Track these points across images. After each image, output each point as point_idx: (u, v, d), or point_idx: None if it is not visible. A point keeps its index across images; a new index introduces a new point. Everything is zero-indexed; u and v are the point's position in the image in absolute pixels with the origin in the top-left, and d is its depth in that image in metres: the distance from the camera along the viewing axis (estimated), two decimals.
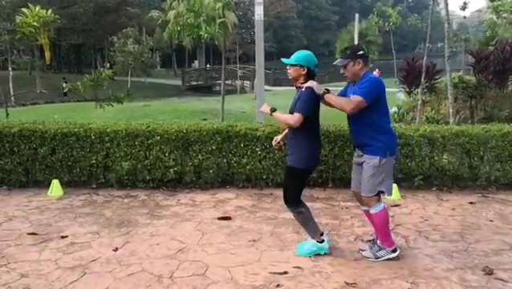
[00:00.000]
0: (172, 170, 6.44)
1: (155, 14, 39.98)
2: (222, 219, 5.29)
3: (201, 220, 5.26)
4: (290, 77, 4.28)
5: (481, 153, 6.43)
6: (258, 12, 9.13)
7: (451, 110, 10.32)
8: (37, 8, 9.45)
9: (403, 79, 15.79)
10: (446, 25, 11.11)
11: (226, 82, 15.28)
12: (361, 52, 4.16)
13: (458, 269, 4.01)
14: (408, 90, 15.64)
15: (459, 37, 38.84)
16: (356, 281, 3.78)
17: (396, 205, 5.81)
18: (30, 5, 9.37)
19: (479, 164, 6.45)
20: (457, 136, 6.42)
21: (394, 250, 4.25)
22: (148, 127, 6.56)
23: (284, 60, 4.27)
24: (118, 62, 34.60)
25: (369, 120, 4.08)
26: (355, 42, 32.75)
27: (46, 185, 6.35)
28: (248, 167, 6.45)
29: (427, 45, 12.17)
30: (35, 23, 9.26)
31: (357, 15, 33.10)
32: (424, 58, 11.87)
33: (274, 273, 3.92)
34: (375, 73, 39.93)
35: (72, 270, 3.99)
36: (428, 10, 15.47)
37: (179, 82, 42.77)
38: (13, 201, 5.98)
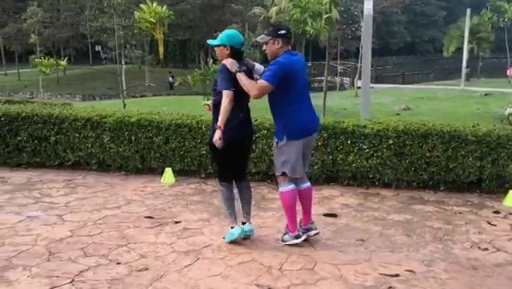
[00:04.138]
0: None
1: (257, 10, 40.64)
2: (328, 216, 5.25)
3: None
4: (219, 59, 4.23)
5: None
6: (368, 6, 8.94)
7: None
8: (153, 4, 10.03)
9: None
10: None
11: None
12: (283, 32, 4.16)
13: None
14: None
15: None
16: None
17: None
18: (147, 1, 9.96)
19: None
20: None
21: (297, 236, 4.32)
22: (256, 120, 6.58)
23: (209, 41, 4.33)
24: None
25: (274, 102, 4.23)
26: (465, 39, 31.07)
27: (160, 172, 6.71)
28: (354, 165, 6.32)
29: None
30: (152, 19, 9.83)
31: (469, 10, 31.61)
32: None
33: (385, 275, 3.81)
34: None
35: (186, 254, 4.18)
36: None
37: None
38: (130, 186, 6.39)
